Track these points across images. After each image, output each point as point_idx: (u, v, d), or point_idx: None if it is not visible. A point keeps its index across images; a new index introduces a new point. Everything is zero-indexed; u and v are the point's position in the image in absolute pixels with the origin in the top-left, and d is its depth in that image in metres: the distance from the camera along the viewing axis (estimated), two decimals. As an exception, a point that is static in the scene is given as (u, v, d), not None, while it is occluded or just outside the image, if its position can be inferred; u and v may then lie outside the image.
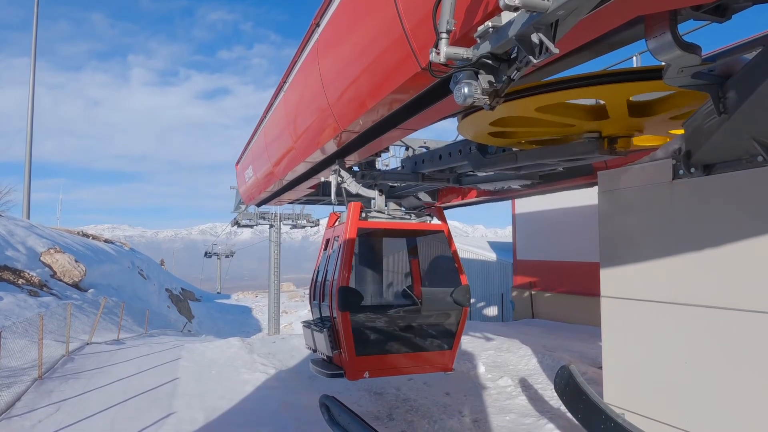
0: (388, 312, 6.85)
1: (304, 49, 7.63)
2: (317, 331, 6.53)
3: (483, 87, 3.03)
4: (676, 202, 4.44)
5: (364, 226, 6.64)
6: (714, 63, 3.67)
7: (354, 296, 6.08)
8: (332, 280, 6.29)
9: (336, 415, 5.67)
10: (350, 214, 6.55)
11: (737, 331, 3.91)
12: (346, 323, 6.02)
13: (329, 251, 7.02)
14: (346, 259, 6.18)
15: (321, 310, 6.91)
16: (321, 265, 7.28)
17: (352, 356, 6.10)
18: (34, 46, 33.46)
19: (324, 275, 6.86)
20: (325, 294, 6.66)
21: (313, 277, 7.44)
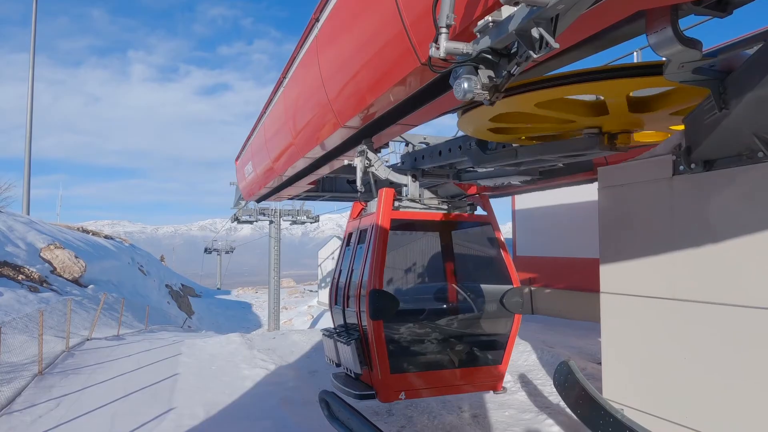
0: (427, 320, 5.82)
1: (303, 45, 7.61)
2: (343, 344, 5.44)
3: (483, 82, 3.02)
4: (676, 198, 4.44)
5: (398, 216, 5.59)
6: (715, 58, 3.66)
7: (388, 302, 5.03)
8: (360, 282, 5.32)
9: (335, 410, 5.69)
10: (381, 202, 5.43)
11: (737, 327, 3.91)
12: (378, 334, 5.01)
13: (354, 247, 6.02)
14: (378, 256, 5.15)
15: (345, 317, 5.84)
16: (344, 264, 6.20)
17: (386, 374, 5.09)
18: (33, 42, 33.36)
19: (348, 276, 5.80)
20: (350, 298, 5.66)
21: (334, 278, 6.35)
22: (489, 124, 5.65)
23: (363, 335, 5.26)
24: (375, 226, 5.37)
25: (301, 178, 12.24)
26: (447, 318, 5.85)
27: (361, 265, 5.38)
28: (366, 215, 6.01)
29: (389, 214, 5.46)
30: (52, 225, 30.11)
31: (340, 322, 6.05)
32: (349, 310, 5.71)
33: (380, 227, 5.32)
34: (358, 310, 5.31)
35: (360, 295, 5.25)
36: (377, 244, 5.24)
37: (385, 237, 5.29)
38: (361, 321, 5.27)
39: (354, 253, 5.94)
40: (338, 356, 5.81)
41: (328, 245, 43.65)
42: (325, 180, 16.80)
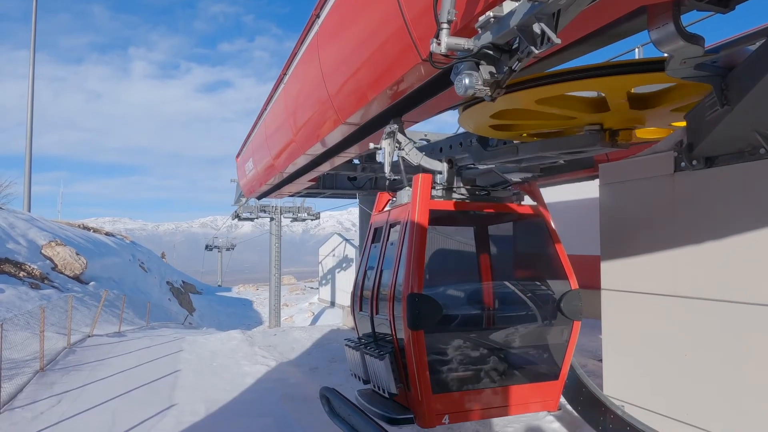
0: (474, 330, 4.96)
1: (304, 41, 7.59)
2: (374, 358, 4.61)
3: (484, 78, 3.01)
4: (677, 194, 4.42)
5: (437, 207, 4.72)
6: (717, 54, 3.64)
7: (430, 308, 4.22)
8: (393, 285, 4.54)
9: (336, 406, 5.66)
10: (418, 191, 4.61)
11: (738, 324, 3.90)
12: (419, 347, 4.19)
13: (382, 244, 5.20)
14: (415, 255, 4.33)
15: (374, 326, 5.00)
16: (370, 263, 5.42)
17: (428, 394, 4.31)
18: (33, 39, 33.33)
19: (376, 277, 5.01)
20: (380, 303, 4.89)
21: (357, 280, 5.57)
22: (490, 120, 5.64)
23: (398, 348, 4.45)
24: (410, 219, 4.53)
25: (302, 175, 12.24)
26: (497, 326, 5.00)
27: (394, 265, 4.59)
28: (396, 207, 5.15)
29: (427, 205, 4.60)
30: (53, 222, 30.14)
31: (365, 329, 5.26)
32: (378, 317, 4.88)
33: (417, 220, 4.49)
34: (392, 318, 4.49)
35: (394, 300, 4.48)
36: (414, 239, 4.40)
37: (423, 231, 4.45)
38: (395, 331, 4.45)
39: (383, 250, 5.11)
40: (366, 372, 4.95)
41: (329, 242, 43.68)
42: (325, 177, 16.80)
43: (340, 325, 18.16)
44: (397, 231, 4.90)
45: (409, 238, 4.45)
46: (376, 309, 4.93)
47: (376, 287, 4.95)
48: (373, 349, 4.72)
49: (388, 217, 5.27)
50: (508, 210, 5.11)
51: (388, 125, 5.36)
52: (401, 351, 4.41)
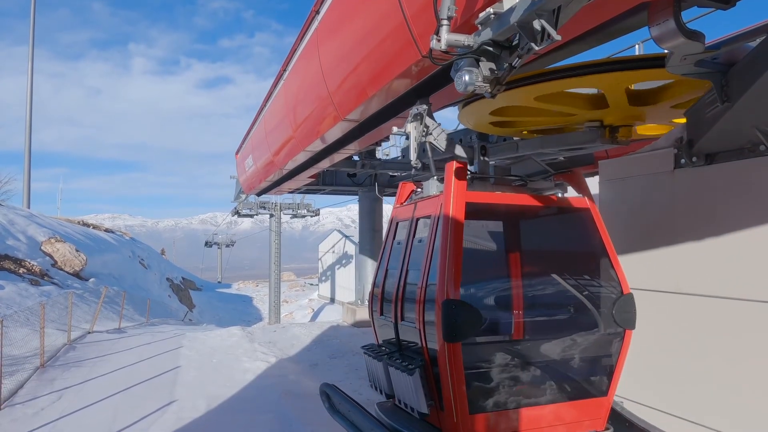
0: (516, 341, 4.43)
1: (303, 37, 7.58)
2: (401, 372, 4.09)
3: (484, 74, 3.01)
4: (677, 191, 4.43)
5: (475, 200, 4.12)
6: (717, 51, 3.63)
7: (469, 317, 3.73)
8: (422, 288, 4.02)
9: (336, 403, 5.65)
10: (452, 181, 4.02)
11: (739, 321, 3.91)
12: (455, 362, 3.70)
13: (408, 241, 4.61)
14: (452, 255, 3.80)
15: (398, 333, 4.47)
16: (393, 262, 4.85)
17: (464, 415, 3.87)
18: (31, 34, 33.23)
19: (401, 278, 4.47)
20: (405, 308, 4.38)
21: (378, 280, 5.01)
22: (490, 117, 5.63)
23: (429, 361, 3.96)
24: (444, 214, 3.99)
25: (302, 171, 12.24)
26: (541, 337, 4.50)
27: (424, 265, 4.08)
28: (424, 199, 4.61)
29: (463, 197, 4.01)
30: (52, 218, 30.13)
31: (387, 335, 4.76)
32: (404, 324, 4.35)
33: (453, 214, 3.91)
34: (422, 327, 3.96)
35: (424, 306, 3.97)
36: (450, 237, 3.86)
37: (460, 228, 3.90)
38: (425, 341, 3.95)
39: (408, 247, 4.55)
40: (390, 385, 4.45)
41: (329, 239, 43.69)
42: (325, 173, 16.81)
43: (340, 322, 18.19)
44: (426, 226, 4.35)
45: (443, 235, 3.92)
46: (400, 314, 4.40)
47: (401, 290, 4.42)
48: (399, 361, 4.21)
49: (415, 210, 4.67)
50: (551, 203, 4.48)
51: (414, 106, 4.66)
52: (432, 364, 3.93)
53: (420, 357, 4.05)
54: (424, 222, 4.50)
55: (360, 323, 17.00)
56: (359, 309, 17.45)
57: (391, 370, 4.30)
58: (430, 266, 4.02)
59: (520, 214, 4.65)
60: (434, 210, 4.21)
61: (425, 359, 3.98)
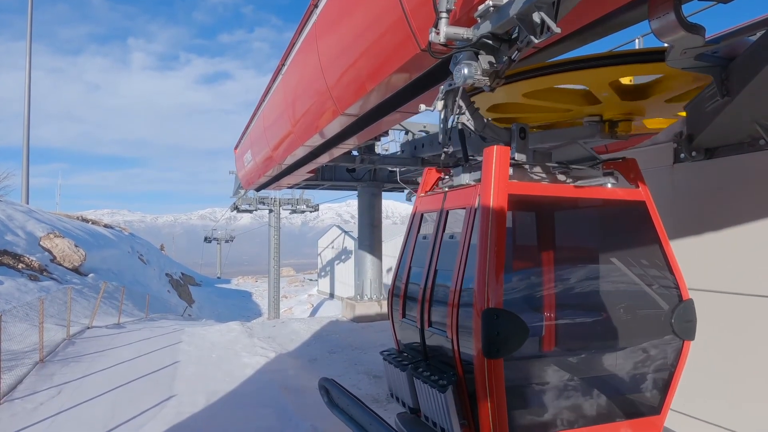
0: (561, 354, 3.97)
1: (302, 31, 7.54)
2: (433, 387, 3.61)
3: (483, 68, 2.99)
4: (677, 186, 4.42)
5: (519, 191, 3.61)
6: (717, 45, 3.62)
7: (514, 329, 3.25)
8: (456, 293, 3.56)
9: (335, 397, 5.66)
10: (494, 168, 3.50)
11: (741, 316, 3.91)
12: (497, 380, 3.26)
13: (436, 236, 4.10)
14: (494, 256, 3.32)
15: (424, 341, 4.04)
16: (416, 259, 4.38)
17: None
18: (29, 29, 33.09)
19: (428, 279, 4.01)
20: (432, 313, 3.93)
21: (399, 279, 4.53)
22: (489, 112, 5.62)
23: (462, 376, 3.52)
24: (483, 206, 3.48)
25: (301, 166, 12.21)
26: (591, 349, 3.98)
27: (457, 265, 3.59)
28: (455, 188, 4.11)
29: (506, 188, 3.49)
30: (51, 214, 30.09)
31: (410, 341, 4.31)
32: (432, 331, 3.91)
33: (494, 208, 3.42)
34: (455, 336, 3.52)
35: (458, 313, 3.52)
36: (491, 235, 3.35)
37: (502, 224, 3.40)
38: (459, 353, 3.51)
39: (437, 243, 4.04)
40: (415, 399, 4.00)
41: (328, 234, 43.70)
42: (324, 168, 16.79)
43: (339, 317, 18.21)
44: (459, 220, 3.83)
45: (482, 232, 3.40)
46: (427, 319, 3.95)
47: (428, 291, 3.97)
48: (427, 374, 3.74)
49: (444, 201, 4.15)
50: (604, 195, 3.94)
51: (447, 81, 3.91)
52: (466, 379, 3.47)
53: (452, 371, 3.58)
54: (456, 215, 3.98)
55: (359, 318, 17.03)
56: (358, 304, 17.47)
57: (418, 382, 3.83)
58: (465, 267, 3.53)
59: (569, 209, 4.13)
60: (469, 202, 3.68)
61: (458, 374, 3.51)
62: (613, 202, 3.97)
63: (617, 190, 3.96)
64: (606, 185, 3.90)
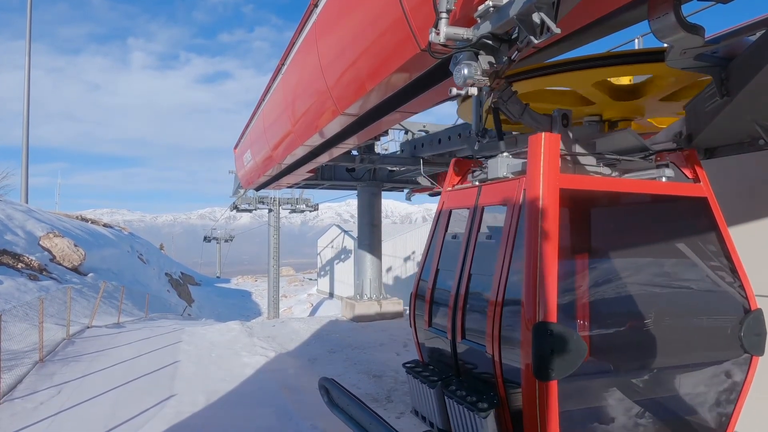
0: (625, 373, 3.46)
1: (302, 31, 7.54)
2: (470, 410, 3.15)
3: (483, 68, 2.99)
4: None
5: (571, 186, 3.12)
6: (717, 45, 3.62)
7: (571, 348, 2.77)
8: (498, 302, 3.09)
9: (335, 397, 5.67)
10: (542, 159, 3.01)
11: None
12: (550, 405, 2.80)
13: (470, 235, 3.60)
14: (545, 260, 2.86)
15: (457, 354, 3.57)
16: (444, 262, 3.94)
17: None
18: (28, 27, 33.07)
19: (460, 284, 3.54)
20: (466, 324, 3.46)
21: (425, 282, 4.06)
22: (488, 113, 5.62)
23: (505, 398, 3.09)
24: (530, 203, 3.01)
25: (300, 166, 12.22)
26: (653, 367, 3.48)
27: (499, 272, 3.13)
28: (492, 181, 3.65)
29: (557, 181, 3.00)
30: (50, 213, 30.08)
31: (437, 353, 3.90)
32: (466, 344, 3.45)
33: (543, 205, 2.93)
34: (496, 353, 3.07)
35: (500, 326, 3.06)
36: (541, 237, 2.89)
37: (554, 224, 2.91)
38: (501, 372, 3.06)
39: (470, 245, 3.56)
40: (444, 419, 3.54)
41: (328, 234, 43.69)
42: (324, 168, 16.79)
43: (339, 317, 18.22)
44: (498, 219, 3.38)
45: (530, 233, 2.93)
46: (460, 331, 3.47)
47: (461, 300, 3.49)
48: (462, 393, 3.29)
49: (479, 196, 3.66)
50: (664, 190, 3.46)
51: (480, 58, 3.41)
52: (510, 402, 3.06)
53: (491, 391, 3.14)
54: (494, 212, 3.52)
55: (359, 318, 17.03)
56: (358, 304, 17.47)
57: (451, 403, 3.38)
58: (508, 273, 3.09)
59: (627, 206, 3.66)
60: (512, 197, 3.21)
61: (500, 396, 3.08)
62: (672, 198, 3.52)
63: (676, 185, 3.53)
64: (660, 179, 3.46)
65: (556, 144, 3.07)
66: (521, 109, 3.59)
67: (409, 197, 20.32)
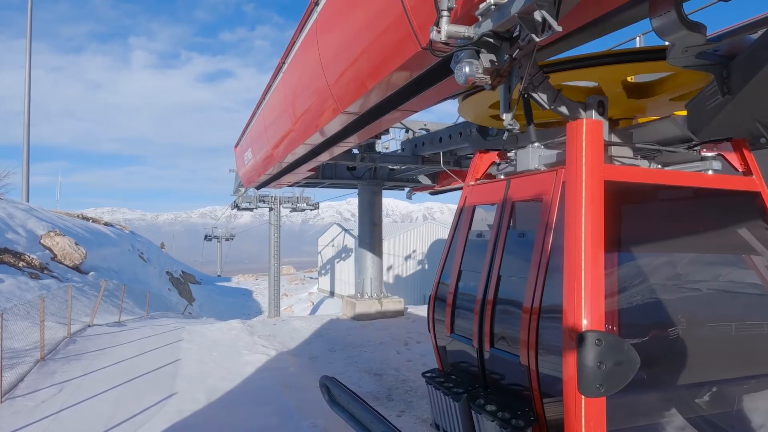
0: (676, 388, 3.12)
1: (303, 29, 7.53)
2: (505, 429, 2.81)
3: (484, 66, 2.99)
4: (677, 184, 4.42)
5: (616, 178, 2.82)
6: (719, 43, 3.62)
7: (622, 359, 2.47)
8: (535, 308, 2.79)
9: (336, 395, 5.66)
10: (583, 146, 2.70)
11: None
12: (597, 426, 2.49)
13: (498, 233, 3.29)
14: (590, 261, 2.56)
15: (484, 365, 3.26)
16: (468, 262, 3.63)
17: None
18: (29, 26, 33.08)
19: (488, 287, 3.23)
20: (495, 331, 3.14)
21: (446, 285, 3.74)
22: (490, 110, 5.62)
23: (542, 415, 2.77)
24: (570, 197, 2.70)
25: (301, 164, 12.22)
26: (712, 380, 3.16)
27: (535, 273, 2.84)
28: (522, 174, 3.36)
29: (601, 173, 2.70)
30: (51, 212, 30.11)
31: (460, 362, 3.58)
32: (496, 354, 3.13)
33: (587, 199, 2.63)
34: (533, 365, 2.76)
35: (537, 335, 2.76)
36: (585, 235, 2.58)
37: (599, 220, 2.62)
38: (540, 387, 2.76)
39: (499, 244, 3.24)
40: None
41: (329, 232, 43.71)
42: (325, 167, 16.78)
43: (340, 315, 18.23)
44: (531, 215, 3.10)
45: (572, 231, 2.63)
46: (489, 339, 3.15)
47: (489, 304, 3.17)
48: (493, 409, 2.95)
49: (508, 190, 3.35)
50: (714, 184, 3.17)
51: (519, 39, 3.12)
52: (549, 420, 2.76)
53: (526, 407, 2.84)
54: (526, 208, 3.23)
55: (359, 316, 17.04)
56: (359, 302, 17.48)
57: (481, 419, 3.03)
58: (546, 275, 2.79)
59: (674, 201, 3.33)
60: (547, 191, 2.93)
61: (537, 412, 2.77)
62: (722, 193, 3.21)
63: (726, 178, 3.24)
64: (707, 171, 3.19)
65: (600, 131, 2.73)
66: (554, 95, 3.32)
67: (409, 196, 20.31)
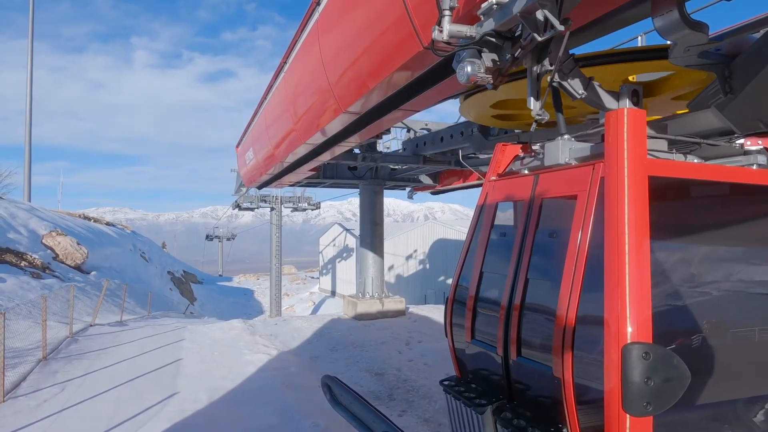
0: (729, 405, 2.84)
1: (304, 29, 7.54)
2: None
3: (486, 66, 2.99)
4: (679, 183, 4.41)
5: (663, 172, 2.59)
6: (721, 42, 3.61)
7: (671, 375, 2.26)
8: (570, 316, 2.54)
9: (338, 395, 5.66)
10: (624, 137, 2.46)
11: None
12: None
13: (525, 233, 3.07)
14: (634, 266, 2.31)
15: (509, 375, 3.02)
16: (490, 263, 3.39)
17: None
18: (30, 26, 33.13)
19: (515, 291, 3.00)
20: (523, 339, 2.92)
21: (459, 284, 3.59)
22: (491, 110, 5.62)
23: None
24: (609, 194, 2.46)
25: (302, 164, 12.23)
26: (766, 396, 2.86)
27: (570, 277, 2.60)
28: (551, 169, 3.12)
29: (644, 167, 2.47)
30: (53, 212, 30.15)
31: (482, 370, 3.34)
32: (524, 363, 2.90)
33: (630, 196, 2.39)
34: (569, 378, 2.52)
35: (572, 345, 2.51)
36: (629, 236, 2.34)
37: (644, 220, 2.38)
38: (576, 403, 2.52)
39: (526, 244, 3.01)
40: None
41: (330, 232, 43.71)
42: (326, 166, 16.79)
43: (341, 315, 18.23)
44: (563, 213, 2.81)
45: (613, 232, 2.38)
46: (515, 347, 2.91)
47: (516, 310, 2.93)
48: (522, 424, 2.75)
49: (535, 186, 3.10)
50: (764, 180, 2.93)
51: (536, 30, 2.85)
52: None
53: (560, 422, 2.60)
54: (557, 205, 2.96)
55: (361, 316, 17.04)
56: (360, 302, 17.48)
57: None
58: (583, 278, 2.53)
59: (722, 198, 3.02)
60: (583, 187, 2.66)
61: (571, 429, 2.55)
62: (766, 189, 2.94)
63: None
64: (752, 166, 2.99)
65: (642, 121, 2.49)
66: (585, 83, 3.09)
67: (411, 195, 20.31)
